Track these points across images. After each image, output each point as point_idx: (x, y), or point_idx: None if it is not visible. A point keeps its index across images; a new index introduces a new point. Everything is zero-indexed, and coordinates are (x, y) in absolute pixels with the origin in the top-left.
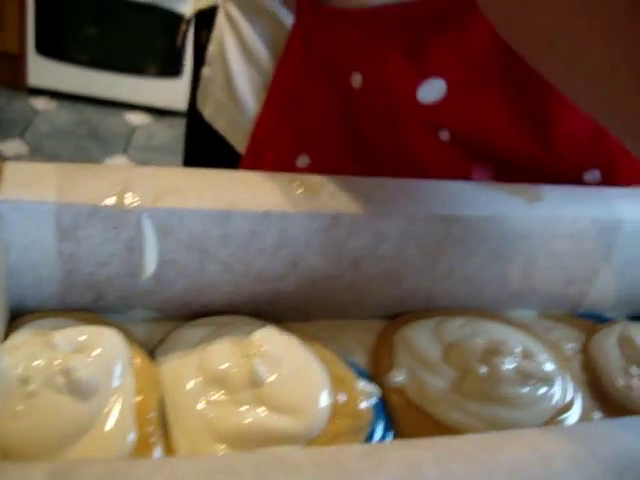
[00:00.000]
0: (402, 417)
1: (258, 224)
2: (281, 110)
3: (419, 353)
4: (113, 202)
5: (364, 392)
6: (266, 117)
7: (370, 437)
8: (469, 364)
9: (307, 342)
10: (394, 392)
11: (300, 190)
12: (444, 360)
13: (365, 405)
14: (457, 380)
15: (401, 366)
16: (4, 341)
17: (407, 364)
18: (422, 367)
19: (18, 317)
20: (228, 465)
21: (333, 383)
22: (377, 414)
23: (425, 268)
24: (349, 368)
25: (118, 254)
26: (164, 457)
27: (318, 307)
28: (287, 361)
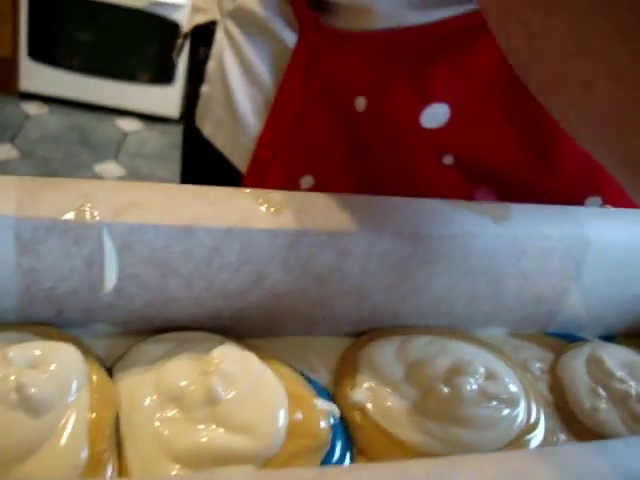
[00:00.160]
0: (363, 437)
1: (221, 240)
2: (284, 130)
3: (382, 372)
4: (73, 216)
5: (323, 411)
6: (268, 137)
7: (328, 457)
8: (431, 384)
9: (267, 359)
10: (356, 411)
11: (264, 207)
12: (407, 379)
13: (324, 424)
14: (419, 400)
15: (363, 385)
16: None
17: (369, 383)
18: (384, 386)
19: None
20: None
21: (291, 402)
22: (336, 433)
23: (391, 285)
24: (309, 386)
25: (78, 268)
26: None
27: (283, 323)
28: (244, 379)
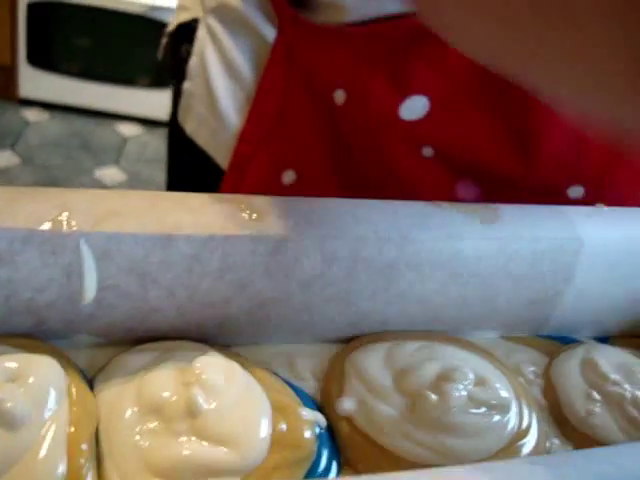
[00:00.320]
0: (350, 446)
1: (202, 248)
2: (265, 125)
3: (369, 379)
4: (50, 226)
5: (308, 421)
6: (249, 132)
7: (314, 467)
8: (420, 391)
9: (252, 368)
10: (343, 420)
11: (245, 213)
12: (395, 387)
13: (309, 434)
14: (407, 408)
15: (351, 393)
16: None
17: (357, 391)
18: (372, 394)
19: None
20: None
21: (275, 412)
22: (322, 443)
23: (378, 290)
24: (294, 395)
25: (57, 279)
26: None
27: (268, 331)
28: (227, 390)
